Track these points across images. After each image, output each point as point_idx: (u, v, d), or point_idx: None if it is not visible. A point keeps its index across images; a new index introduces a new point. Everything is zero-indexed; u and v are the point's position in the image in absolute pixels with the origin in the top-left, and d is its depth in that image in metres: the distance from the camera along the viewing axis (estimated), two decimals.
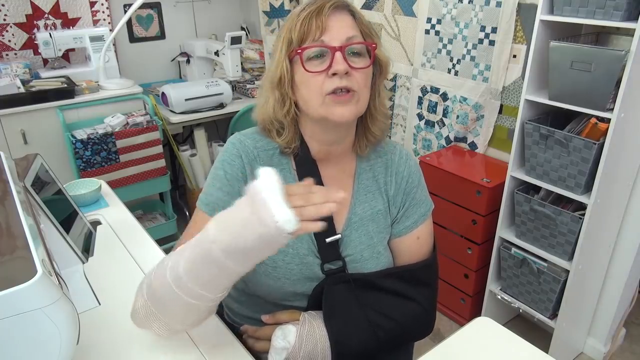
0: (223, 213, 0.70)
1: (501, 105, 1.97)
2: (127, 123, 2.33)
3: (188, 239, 0.87)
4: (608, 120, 1.44)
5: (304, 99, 0.87)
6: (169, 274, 0.74)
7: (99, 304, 0.96)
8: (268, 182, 0.63)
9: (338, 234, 0.93)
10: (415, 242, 0.98)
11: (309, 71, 0.83)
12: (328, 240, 0.91)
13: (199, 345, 0.86)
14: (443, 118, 2.22)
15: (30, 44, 2.52)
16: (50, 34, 2.38)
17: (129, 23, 2.80)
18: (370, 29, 0.88)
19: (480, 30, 1.94)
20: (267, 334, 0.90)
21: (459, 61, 2.07)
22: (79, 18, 2.63)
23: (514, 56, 1.87)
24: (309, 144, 0.93)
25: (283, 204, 0.62)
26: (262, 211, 0.62)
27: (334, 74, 0.82)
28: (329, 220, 0.92)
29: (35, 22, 2.50)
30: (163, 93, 2.53)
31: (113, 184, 2.09)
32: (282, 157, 0.93)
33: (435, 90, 2.21)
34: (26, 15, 2.48)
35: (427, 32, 2.15)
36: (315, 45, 0.83)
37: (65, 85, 2.30)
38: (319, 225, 0.64)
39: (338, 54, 0.82)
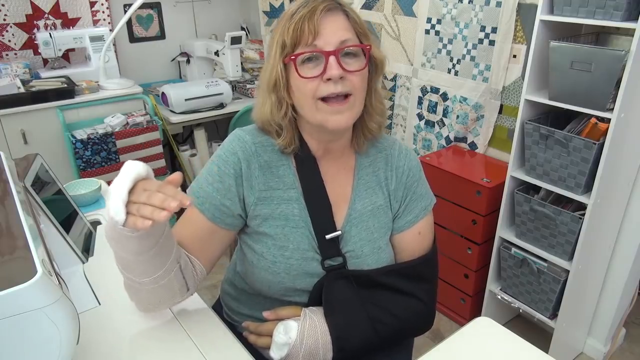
0: None
1: (501, 105, 1.97)
2: (127, 123, 2.33)
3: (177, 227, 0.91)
4: (608, 120, 1.44)
5: (299, 104, 0.87)
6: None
7: (99, 304, 0.96)
8: (123, 174, 0.69)
9: (338, 230, 0.93)
10: (416, 237, 0.98)
11: (303, 77, 0.82)
12: (328, 236, 0.91)
13: (198, 345, 0.86)
14: (443, 118, 2.22)
15: (30, 44, 2.52)
16: (50, 34, 2.38)
17: (129, 23, 2.79)
18: (365, 28, 0.87)
19: (480, 30, 1.94)
20: (268, 330, 0.90)
21: (459, 61, 2.07)
22: (79, 18, 2.63)
23: (514, 56, 1.87)
24: (307, 142, 0.93)
25: (120, 197, 0.68)
26: (107, 201, 0.71)
27: (329, 79, 0.81)
28: (328, 216, 0.92)
29: (35, 22, 2.50)
30: (163, 93, 2.53)
31: None
32: (282, 153, 0.93)
33: (435, 90, 2.21)
34: (26, 15, 2.48)
35: (427, 32, 2.15)
36: (308, 51, 0.82)
37: (65, 85, 2.29)
38: (147, 224, 0.66)
39: (332, 59, 0.81)
